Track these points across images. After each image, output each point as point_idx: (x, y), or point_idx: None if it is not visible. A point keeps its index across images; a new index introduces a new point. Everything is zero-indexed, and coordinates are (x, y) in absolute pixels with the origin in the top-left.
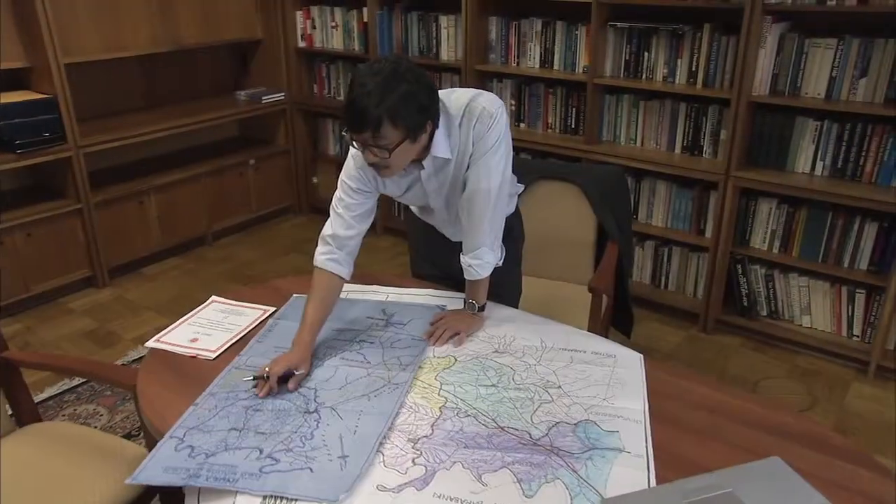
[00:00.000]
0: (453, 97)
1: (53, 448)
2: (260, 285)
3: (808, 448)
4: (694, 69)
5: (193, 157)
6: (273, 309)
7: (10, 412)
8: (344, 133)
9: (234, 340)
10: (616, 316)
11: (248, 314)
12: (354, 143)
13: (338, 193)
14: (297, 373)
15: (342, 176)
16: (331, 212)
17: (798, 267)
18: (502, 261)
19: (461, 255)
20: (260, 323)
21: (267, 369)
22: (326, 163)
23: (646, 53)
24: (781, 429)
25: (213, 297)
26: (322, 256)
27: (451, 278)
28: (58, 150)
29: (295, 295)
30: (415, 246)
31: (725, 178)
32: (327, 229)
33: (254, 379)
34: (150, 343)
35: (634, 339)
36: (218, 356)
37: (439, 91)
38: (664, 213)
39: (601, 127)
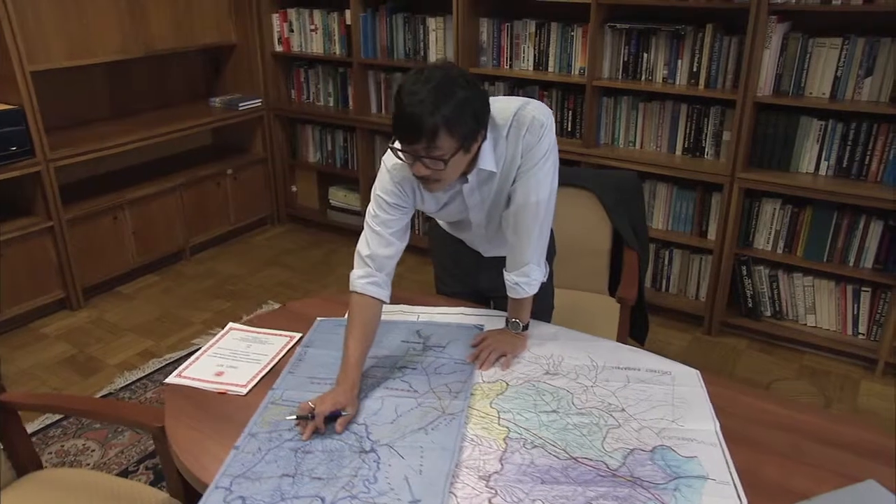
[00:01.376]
0: (497, 106)
1: (62, 500)
2: (277, 311)
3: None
4: (695, 70)
5: (168, 168)
6: (298, 335)
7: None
8: (391, 146)
9: (264, 372)
10: (631, 323)
11: (273, 342)
12: (402, 155)
13: (372, 209)
14: (343, 413)
15: (376, 191)
16: (366, 229)
17: (802, 267)
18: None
19: (505, 273)
20: (288, 351)
21: (312, 406)
22: (306, 170)
23: (645, 54)
24: (864, 447)
25: (231, 325)
26: (362, 280)
27: (479, 295)
28: (26, 164)
29: (319, 319)
30: (441, 263)
31: (731, 180)
32: (364, 248)
33: (297, 418)
34: (172, 379)
35: None
36: (250, 391)
37: None
38: (665, 215)
39: (599, 129)
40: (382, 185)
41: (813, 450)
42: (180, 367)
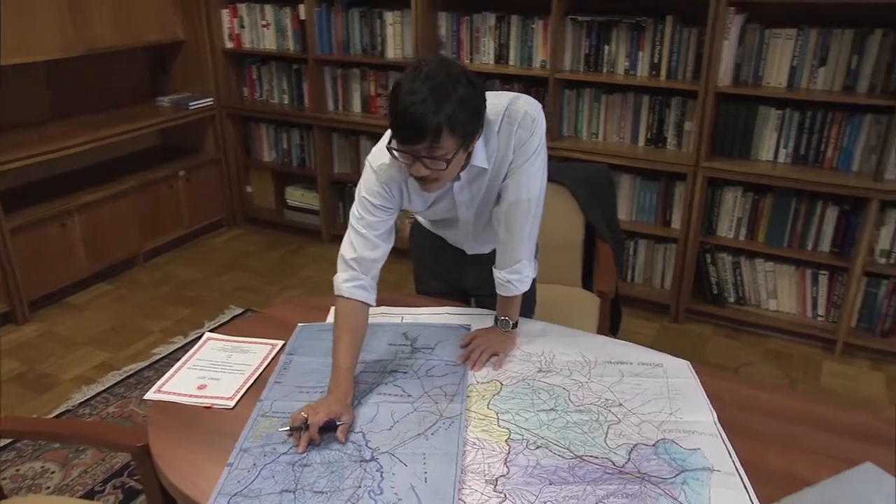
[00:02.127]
0: (487, 101)
1: None
2: (252, 317)
3: (891, 449)
4: (656, 61)
5: (116, 171)
6: (280, 342)
7: None
8: (387, 146)
9: (249, 383)
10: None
11: (254, 351)
12: (399, 156)
13: (356, 212)
14: (339, 423)
15: (361, 192)
16: (350, 232)
17: (764, 252)
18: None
19: (495, 270)
20: (272, 360)
21: (304, 416)
22: (261, 170)
23: (606, 46)
24: (860, 431)
25: (208, 335)
26: (348, 284)
27: (461, 294)
28: None
29: (300, 325)
30: (422, 262)
31: (695, 169)
32: (349, 251)
33: (290, 429)
34: (151, 395)
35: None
36: (237, 403)
37: None
38: (629, 206)
39: (562, 122)
40: (368, 187)
41: (810, 436)
42: (159, 382)
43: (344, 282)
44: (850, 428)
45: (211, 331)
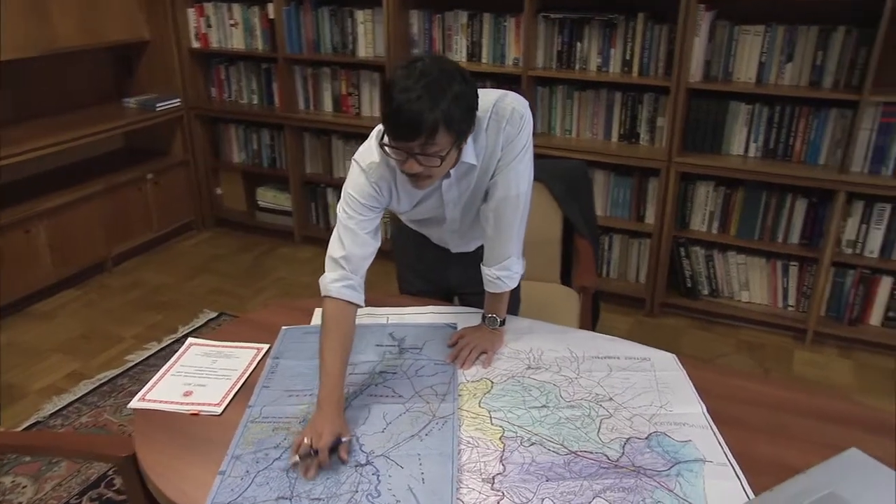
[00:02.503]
0: None
1: None
2: (235, 321)
3: (873, 434)
4: (628, 58)
5: (82, 175)
6: (265, 346)
7: None
8: (380, 143)
9: (236, 389)
10: None
11: (239, 356)
12: (392, 153)
13: (345, 210)
14: (344, 440)
15: (349, 191)
16: (338, 230)
17: (736, 245)
18: None
19: (484, 268)
20: (258, 364)
21: (308, 442)
22: (230, 172)
23: (578, 43)
24: (843, 417)
25: (191, 340)
26: (337, 284)
27: (445, 292)
28: None
29: (285, 328)
30: (405, 261)
31: (668, 164)
32: (337, 250)
33: (299, 458)
34: (135, 403)
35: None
36: (224, 409)
37: None
38: (603, 201)
39: (535, 119)
40: (357, 186)
41: (797, 424)
42: (143, 390)
43: (332, 282)
44: (835, 414)
45: (186, 335)
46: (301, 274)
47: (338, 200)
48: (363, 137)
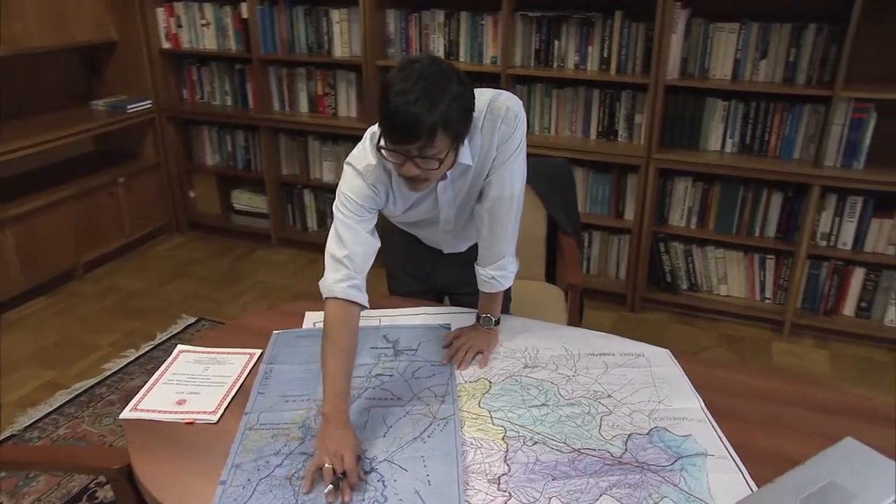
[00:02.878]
0: None
1: None
2: (224, 327)
3: (865, 422)
4: (606, 56)
5: (51, 179)
6: (257, 351)
7: None
8: (377, 146)
9: (231, 395)
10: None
11: (232, 361)
12: (390, 156)
13: (343, 211)
14: (361, 456)
15: (346, 192)
16: (339, 229)
17: (714, 240)
18: None
19: (479, 268)
20: (251, 370)
21: (330, 466)
22: (204, 174)
23: (556, 41)
24: (835, 406)
25: (180, 347)
26: (342, 284)
27: (435, 293)
28: None
29: (276, 332)
30: (394, 262)
31: (647, 161)
32: (338, 250)
33: (332, 487)
34: (127, 414)
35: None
36: (221, 417)
37: None
38: (583, 198)
39: None
40: (355, 189)
41: (790, 414)
42: (134, 400)
43: (337, 282)
44: (827, 404)
45: (165, 342)
46: (279, 277)
47: (315, 201)
48: (340, 138)
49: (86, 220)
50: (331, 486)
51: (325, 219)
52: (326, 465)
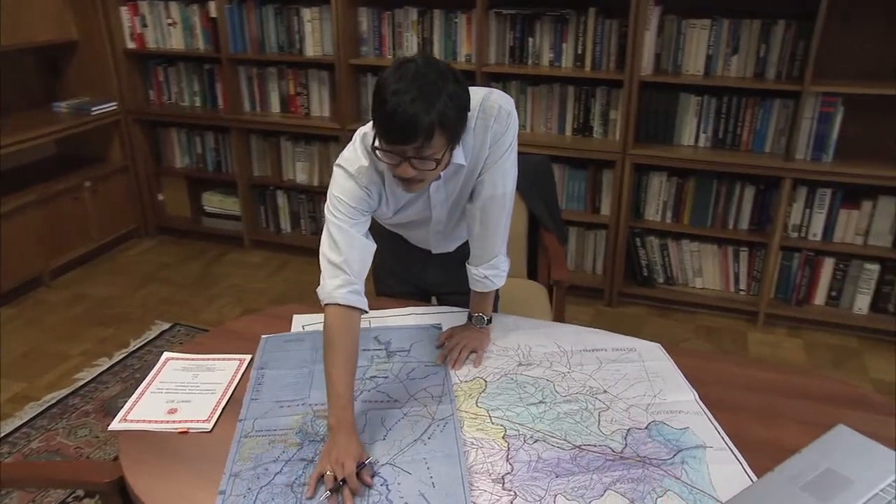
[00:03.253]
0: None
1: None
2: (211, 333)
3: (857, 410)
4: (580, 53)
5: (12, 185)
6: (247, 357)
7: None
8: (373, 147)
9: (224, 402)
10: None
11: (221, 368)
12: (385, 157)
13: (337, 215)
14: (366, 462)
15: (339, 195)
16: (333, 233)
17: (689, 233)
18: None
19: (471, 267)
20: (242, 376)
21: (331, 473)
22: (172, 177)
23: (530, 39)
24: (824, 394)
25: (167, 355)
26: (342, 290)
27: (423, 293)
28: None
29: (265, 337)
30: (382, 263)
31: (622, 156)
32: (334, 254)
33: (330, 492)
34: (116, 425)
35: None
36: (214, 425)
37: None
38: (559, 194)
39: None
40: (348, 191)
41: (781, 403)
42: (122, 411)
43: (336, 288)
44: (817, 392)
45: (139, 349)
46: (254, 280)
47: (288, 203)
48: (313, 138)
49: (51, 226)
50: (328, 493)
51: (298, 220)
52: (328, 472)
